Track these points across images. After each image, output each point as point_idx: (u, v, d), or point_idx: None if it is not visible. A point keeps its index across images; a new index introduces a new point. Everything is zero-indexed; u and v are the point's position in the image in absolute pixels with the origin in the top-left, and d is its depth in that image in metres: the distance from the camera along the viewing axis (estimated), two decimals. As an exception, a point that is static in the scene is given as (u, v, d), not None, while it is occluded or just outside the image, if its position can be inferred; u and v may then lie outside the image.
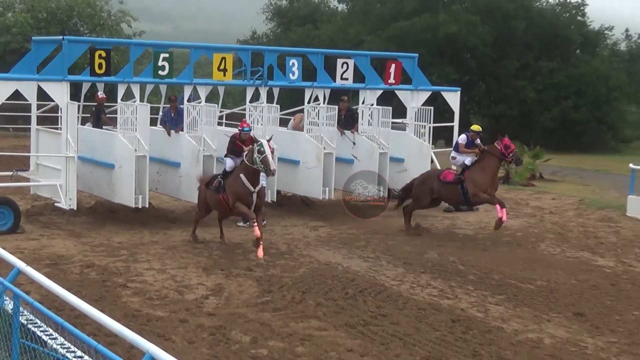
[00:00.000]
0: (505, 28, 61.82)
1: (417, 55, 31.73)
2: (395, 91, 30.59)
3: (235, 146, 22.27)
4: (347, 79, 28.93)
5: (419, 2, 62.88)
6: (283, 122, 29.88)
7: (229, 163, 22.39)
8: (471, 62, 60.00)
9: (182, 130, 25.84)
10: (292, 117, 30.37)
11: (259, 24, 69.42)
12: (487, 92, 59.56)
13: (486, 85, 59.70)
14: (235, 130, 24.16)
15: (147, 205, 25.03)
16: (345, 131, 28.70)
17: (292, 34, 61.78)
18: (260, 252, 21.01)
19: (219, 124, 28.41)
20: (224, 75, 26.31)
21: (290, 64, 27.91)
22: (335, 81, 28.95)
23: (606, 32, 67.09)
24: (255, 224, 21.32)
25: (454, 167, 25.21)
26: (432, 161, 29.85)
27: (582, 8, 65.20)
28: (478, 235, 26.19)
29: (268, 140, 21.67)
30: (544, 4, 64.82)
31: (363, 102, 29.76)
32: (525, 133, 52.22)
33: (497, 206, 24.12)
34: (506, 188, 35.62)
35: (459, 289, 19.95)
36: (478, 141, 24.59)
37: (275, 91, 28.46)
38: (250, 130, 22.73)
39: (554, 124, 58.83)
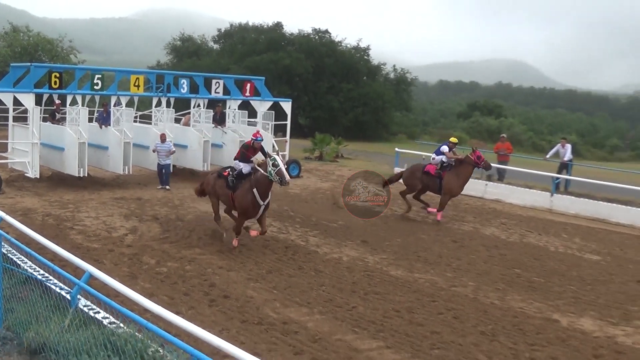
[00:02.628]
0: (320, 62, 62.04)
1: (264, 78, 31.76)
2: (250, 101, 30.37)
3: (248, 153, 17.71)
4: (218, 93, 29.02)
5: (266, 44, 63.05)
6: (177, 121, 29.53)
7: (246, 167, 17.60)
8: (299, 83, 60.12)
9: (110, 125, 25.43)
10: (183, 117, 30.05)
11: (162, 56, 68.97)
12: (309, 102, 59.66)
13: (308, 98, 59.80)
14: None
15: (86, 175, 24.59)
16: (218, 126, 28.55)
17: (183, 63, 61.36)
18: (254, 233, 17.91)
19: (135, 121, 28.13)
20: (138, 89, 26.34)
21: (182, 82, 27.96)
22: (211, 94, 28.87)
23: (382, 66, 67.93)
24: (254, 232, 17.77)
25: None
26: (273, 146, 29.75)
27: (367, 50, 65.99)
28: (302, 193, 26.35)
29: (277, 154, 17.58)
30: (344, 48, 65.25)
31: (229, 108, 29.60)
32: (332, 129, 52.38)
33: (440, 212, 22.98)
34: (320, 163, 35.79)
35: (290, 227, 20.36)
36: (454, 149, 23.35)
37: (172, 100, 28.10)
38: (262, 140, 18.10)
39: (350, 124, 59.35)
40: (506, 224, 23.58)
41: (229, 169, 18.12)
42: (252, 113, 30.99)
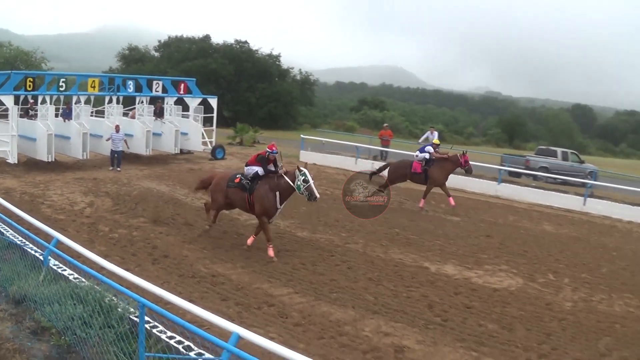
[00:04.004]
0: (240, 66, 62.00)
1: (195, 79, 31.40)
2: (184, 98, 30.07)
3: (267, 164, 14.66)
4: (158, 91, 28.57)
5: (197, 52, 62.96)
6: (125, 115, 28.95)
7: (261, 170, 14.59)
8: (223, 83, 59.96)
9: (71, 119, 25.00)
10: (130, 112, 29.59)
11: (113, 63, 67.59)
12: (231, 99, 59.47)
13: (230, 95, 59.63)
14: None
15: (53, 160, 24.02)
16: (158, 119, 28.23)
17: (130, 68, 60.63)
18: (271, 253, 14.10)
19: (91, 115, 27.58)
20: (94, 89, 25.89)
21: (129, 83, 27.39)
22: (152, 92, 28.39)
23: (290, 69, 68.17)
24: (271, 245, 14.20)
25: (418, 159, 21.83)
26: (202, 135, 29.60)
27: (278, 57, 66.25)
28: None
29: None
30: (260, 55, 65.21)
31: (167, 103, 29.22)
32: (250, 120, 52.32)
33: (450, 198, 21.63)
34: (241, 147, 35.51)
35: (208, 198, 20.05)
36: (438, 150, 21.99)
37: (121, 98, 27.67)
38: (278, 152, 14.97)
39: (265, 116, 59.54)
40: (388, 194, 23.96)
41: (240, 176, 14.89)
42: (186, 107, 30.73)
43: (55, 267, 9.85)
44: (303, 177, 14.07)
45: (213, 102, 31.21)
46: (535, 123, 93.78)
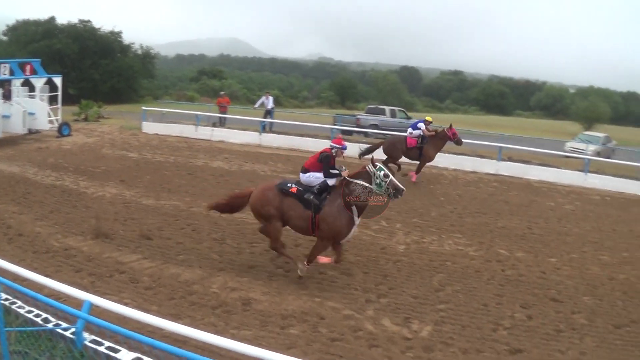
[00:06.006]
0: (84, 44, 59.83)
1: (40, 60, 29.70)
2: (30, 79, 28.48)
3: (330, 165, 11.11)
4: (6, 74, 26.69)
5: (43, 34, 59.87)
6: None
7: (331, 180, 10.92)
8: (68, 62, 57.48)
9: None
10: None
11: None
12: (76, 77, 57.06)
13: (75, 73, 57.23)
14: None
15: None
16: (7, 101, 26.67)
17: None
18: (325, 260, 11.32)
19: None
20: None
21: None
22: (-2, 76, 26.66)
23: (131, 45, 67.07)
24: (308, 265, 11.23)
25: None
26: (49, 113, 28.22)
27: (120, 34, 64.38)
28: (73, 148, 25.04)
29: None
30: (103, 32, 63.04)
31: (14, 85, 27.61)
32: (95, 95, 50.70)
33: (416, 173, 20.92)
34: (86, 123, 33.83)
35: (64, 175, 19.38)
36: (430, 126, 20.86)
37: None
38: (346, 147, 11.56)
39: (109, 90, 58.07)
40: (228, 157, 24.03)
41: (296, 186, 11.15)
42: (33, 88, 29.21)
43: None
44: (383, 172, 10.67)
45: (57, 80, 29.76)
46: (365, 85, 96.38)
